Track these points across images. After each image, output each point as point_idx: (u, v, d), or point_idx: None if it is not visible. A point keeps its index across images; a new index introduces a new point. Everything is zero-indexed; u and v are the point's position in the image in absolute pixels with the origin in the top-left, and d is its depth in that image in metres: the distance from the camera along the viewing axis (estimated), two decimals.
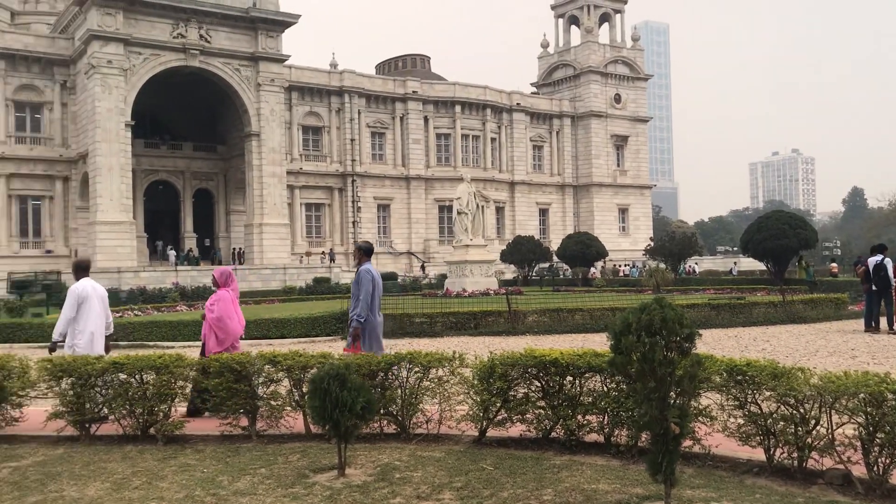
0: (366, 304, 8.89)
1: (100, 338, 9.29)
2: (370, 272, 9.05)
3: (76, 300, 9.13)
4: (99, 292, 9.41)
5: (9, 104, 48.61)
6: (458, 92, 65.49)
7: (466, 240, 35.05)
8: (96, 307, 9.27)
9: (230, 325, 9.01)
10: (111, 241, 44.72)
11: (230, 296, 9.13)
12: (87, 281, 9.38)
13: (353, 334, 8.94)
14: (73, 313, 9.09)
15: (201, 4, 47.51)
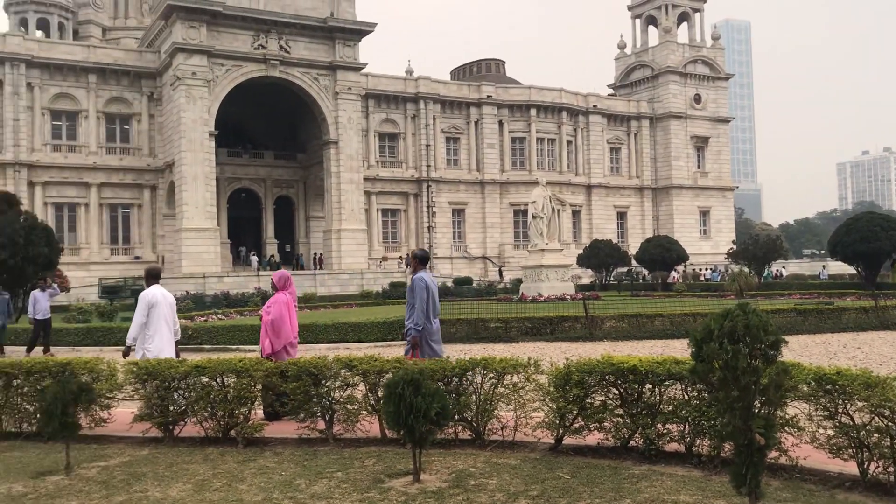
0: (421, 312, 8.92)
1: (169, 343, 9.59)
2: (424, 280, 9.04)
3: (147, 306, 9.47)
4: (168, 299, 9.75)
5: (100, 116, 50.73)
6: (534, 95, 65.16)
7: (542, 244, 34.80)
8: (165, 313, 9.59)
9: (284, 328, 9.14)
10: (196, 248, 46.09)
11: (286, 299, 9.28)
12: (156, 288, 9.72)
13: (412, 343, 8.97)
14: (144, 318, 9.42)
15: (281, 16, 48.60)
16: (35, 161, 48.37)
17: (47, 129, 49.47)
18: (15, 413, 8.37)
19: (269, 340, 9.11)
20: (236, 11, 47.23)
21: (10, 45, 47.94)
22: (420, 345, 8.94)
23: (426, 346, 9.00)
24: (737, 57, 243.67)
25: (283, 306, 9.16)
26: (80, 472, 6.74)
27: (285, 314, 9.16)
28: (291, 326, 9.21)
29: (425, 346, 9.00)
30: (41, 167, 48.71)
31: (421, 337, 8.96)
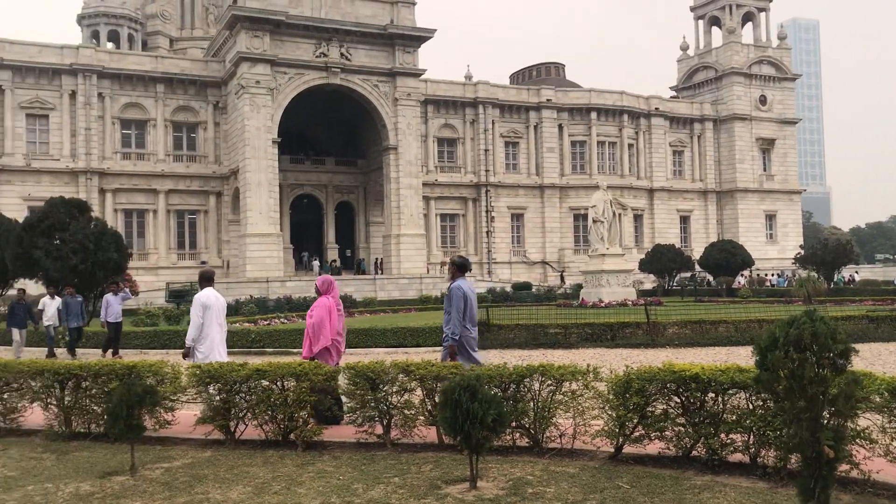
0: (457, 320, 8.88)
1: (220, 344, 9.88)
2: (461, 288, 9.00)
3: (201, 307, 9.77)
4: (220, 302, 10.05)
5: (167, 125, 52.13)
6: (594, 98, 64.56)
7: (602, 249, 34.41)
8: (218, 315, 9.89)
9: (324, 331, 9.26)
10: (260, 253, 46.93)
11: (329, 303, 9.40)
12: (210, 290, 10.03)
13: (449, 351, 8.92)
14: (200, 319, 9.73)
15: (342, 24, 49.22)
16: (106, 169, 49.95)
17: (117, 137, 51.05)
18: (84, 414, 8.62)
19: (309, 343, 9.27)
20: (299, 20, 48.01)
21: (83, 56, 49.64)
22: (458, 353, 8.88)
23: (464, 354, 8.93)
24: (804, 57, 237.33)
25: (324, 310, 9.29)
26: (144, 473, 6.90)
27: (326, 318, 9.28)
28: (332, 329, 9.32)
29: (463, 353, 8.93)
30: (111, 175, 50.28)
31: (458, 344, 8.90)
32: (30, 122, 48.88)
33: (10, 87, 47.84)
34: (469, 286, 9.18)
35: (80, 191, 48.10)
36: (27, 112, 48.65)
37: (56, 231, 26.59)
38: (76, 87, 49.28)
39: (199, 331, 9.76)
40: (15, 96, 48.09)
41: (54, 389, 8.67)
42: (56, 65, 48.88)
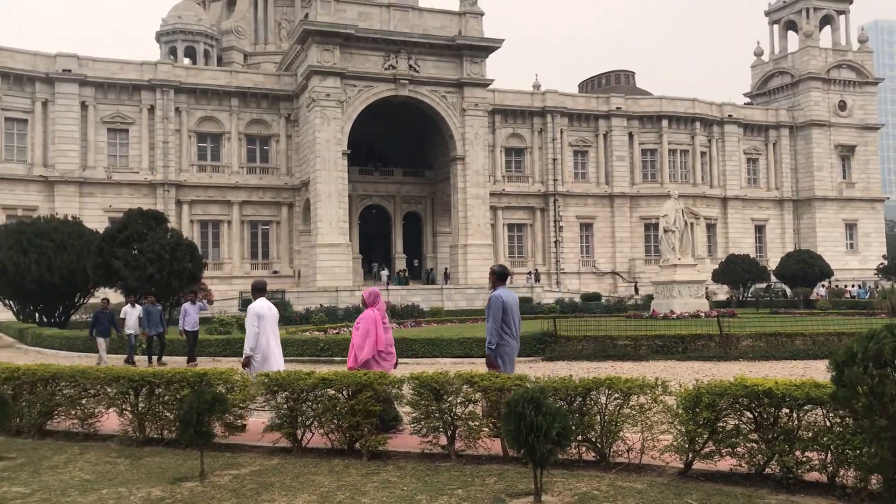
0: (496, 329, 8.80)
1: (275, 353, 10.09)
2: (501, 297, 8.91)
3: (256, 317, 10.03)
4: (273, 312, 10.29)
5: (241, 137, 53.46)
6: (665, 106, 63.50)
7: (674, 259, 33.73)
8: (270, 325, 10.12)
9: (369, 342, 9.37)
10: (330, 262, 47.61)
11: (375, 315, 9.51)
12: (262, 301, 10.28)
13: (487, 363, 8.89)
14: (256, 328, 9.98)
15: (410, 36, 49.69)
16: (182, 181, 51.49)
17: (193, 150, 52.60)
18: (157, 420, 8.84)
19: (354, 353, 9.41)
20: (368, 34, 48.67)
21: (161, 72, 51.37)
22: (500, 361, 8.83)
23: (506, 364, 8.88)
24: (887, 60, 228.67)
25: (371, 322, 9.42)
26: (213, 480, 7.03)
27: (372, 329, 9.40)
28: (379, 341, 9.42)
29: (505, 362, 8.88)
30: (188, 186, 51.80)
31: (497, 354, 8.83)
32: (111, 137, 50.79)
33: (93, 102, 49.81)
34: (510, 295, 9.10)
35: (158, 202, 49.68)
36: (109, 127, 50.57)
37: (134, 242, 27.49)
38: (155, 101, 51.00)
39: (255, 340, 10.00)
40: (97, 112, 50.05)
41: (129, 396, 8.93)
42: (136, 81, 50.70)
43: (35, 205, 47.24)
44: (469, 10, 51.34)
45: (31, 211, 45.69)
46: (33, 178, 47.91)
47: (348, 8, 49.93)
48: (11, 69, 47.08)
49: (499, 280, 9.21)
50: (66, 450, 8.54)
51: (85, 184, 49.25)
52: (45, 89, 48.55)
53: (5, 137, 47.37)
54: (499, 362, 8.81)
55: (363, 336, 9.36)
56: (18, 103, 47.86)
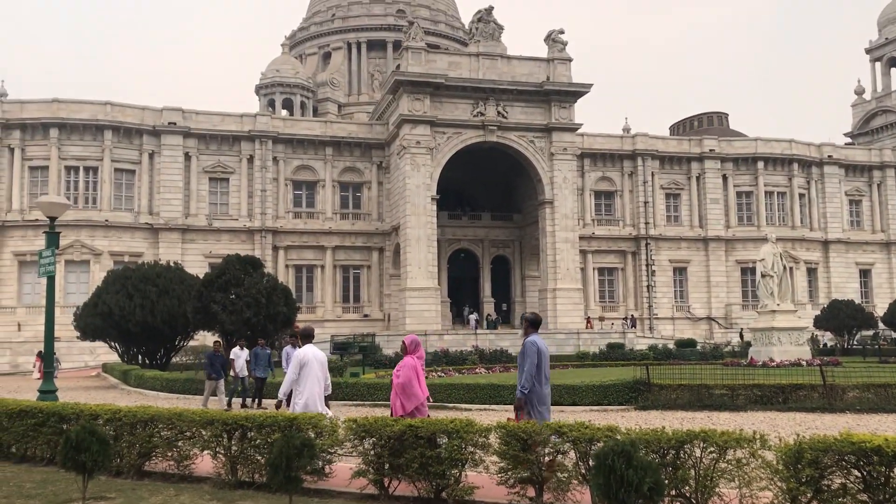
0: (530, 375, 8.93)
1: (318, 399, 10.26)
2: (535, 344, 9.06)
3: (298, 364, 10.23)
4: (319, 357, 10.47)
5: (335, 185, 54.95)
6: (760, 147, 61.86)
7: (772, 304, 32.47)
8: (315, 371, 10.29)
9: (414, 390, 9.52)
10: (418, 306, 47.96)
11: (415, 363, 9.66)
12: (309, 347, 10.50)
13: (516, 405, 8.95)
14: (295, 376, 10.23)
15: (499, 83, 50.25)
16: (279, 227, 53.15)
17: (290, 198, 54.34)
18: (249, 463, 9.01)
19: (400, 402, 9.53)
20: (457, 83, 49.49)
21: (260, 123, 53.51)
22: (529, 407, 8.88)
23: (534, 410, 8.89)
24: None
25: (411, 370, 9.57)
26: None
27: (413, 377, 9.56)
28: (423, 386, 9.59)
29: (533, 409, 8.90)
30: (284, 232, 53.42)
31: (528, 400, 8.91)
32: (212, 185, 53.04)
33: (196, 153, 52.22)
34: (542, 342, 9.22)
35: (256, 248, 51.37)
36: (210, 176, 52.85)
37: (232, 286, 28.40)
38: (254, 151, 53.08)
39: (290, 386, 10.29)
40: (200, 162, 52.43)
41: (222, 439, 9.15)
42: (236, 132, 52.96)
43: (141, 251, 49.58)
44: (557, 56, 51.61)
45: (136, 257, 47.96)
46: (139, 226, 50.35)
47: (438, 58, 51.07)
48: (122, 123, 49.92)
49: (531, 327, 9.37)
50: (162, 491, 8.78)
51: (187, 231, 51.43)
52: (152, 141, 51.22)
53: (114, 187, 50.05)
54: (529, 409, 8.90)
55: (404, 384, 9.53)
56: (127, 155, 50.61)
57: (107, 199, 49.39)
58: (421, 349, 10.04)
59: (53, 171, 48.50)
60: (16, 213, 48.37)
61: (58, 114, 48.75)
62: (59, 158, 48.81)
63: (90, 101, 49.80)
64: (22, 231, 48.15)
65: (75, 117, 48.91)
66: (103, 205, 49.28)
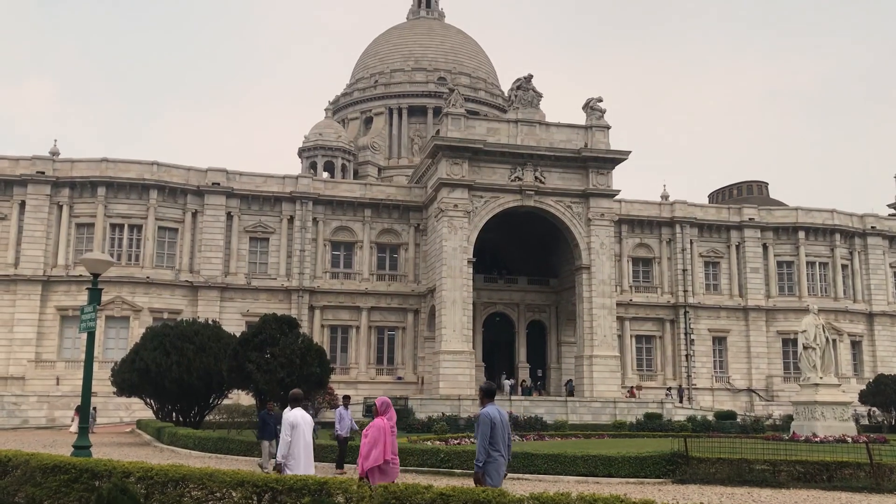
0: (483, 447, 9.17)
1: (306, 460, 10.76)
2: (488, 415, 9.28)
3: (290, 426, 10.89)
4: (307, 420, 11.11)
5: (372, 246, 55.44)
6: (801, 217, 61.23)
7: (815, 378, 31.66)
8: (305, 433, 10.92)
9: (376, 451, 9.91)
10: (453, 370, 47.60)
11: (385, 424, 10.09)
12: (298, 411, 11.13)
13: (474, 479, 9.27)
14: (289, 437, 10.84)
15: (536, 149, 50.71)
16: (316, 287, 53.58)
17: (328, 258, 54.90)
18: None
19: (368, 460, 9.93)
20: (495, 148, 50.07)
21: (301, 185, 54.48)
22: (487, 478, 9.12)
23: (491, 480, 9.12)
24: None
25: (379, 431, 10.00)
26: None
27: (381, 438, 9.94)
28: (386, 450, 9.95)
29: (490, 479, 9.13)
30: (320, 293, 53.80)
31: (485, 471, 9.16)
32: (252, 245, 53.86)
33: (238, 213, 53.22)
34: (497, 412, 9.40)
35: (293, 307, 51.74)
36: (251, 235, 53.73)
37: (267, 346, 28.55)
38: (294, 212, 53.94)
39: (287, 448, 10.73)
40: (241, 221, 53.39)
41: (252, 500, 9.08)
42: (278, 193, 53.95)
43: (180, 308, 50.23)
44: (595, 123, 52.06)
45: (175, 314, 48.58)
46: (179, 283, 51.11)
47: (477, 124, 51.84)
48: (167, 182, 51.20)
49: (486, 397, 9.61)
50: None
51: (226, 289, 52.07)
52: (196, 201, 52.36)
53: (157, 245, 51.06)
54: (487, 480, 9.09)
55: (370, 445, 9.94)
56: (171, 214, 51.76)
57: (149, 257, 50.36)
58: (392, 411, 10.45)
59: (99, 229, 49.72)
60: (61, 268, 49.49)
61: (106, 173, 50.20)
62: (105, 216, 50.08)
63: (137, 161, 51.23)
64: (66, 286, 49.17)
65: (123, 176, 50.31)
66: (145, 262, 50.24)
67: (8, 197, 49.97)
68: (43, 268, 49.21)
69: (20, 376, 47.16)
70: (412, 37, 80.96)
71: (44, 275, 49.02)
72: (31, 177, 49.67)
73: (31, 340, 48.12)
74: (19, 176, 49.64)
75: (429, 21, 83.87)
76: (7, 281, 48.77)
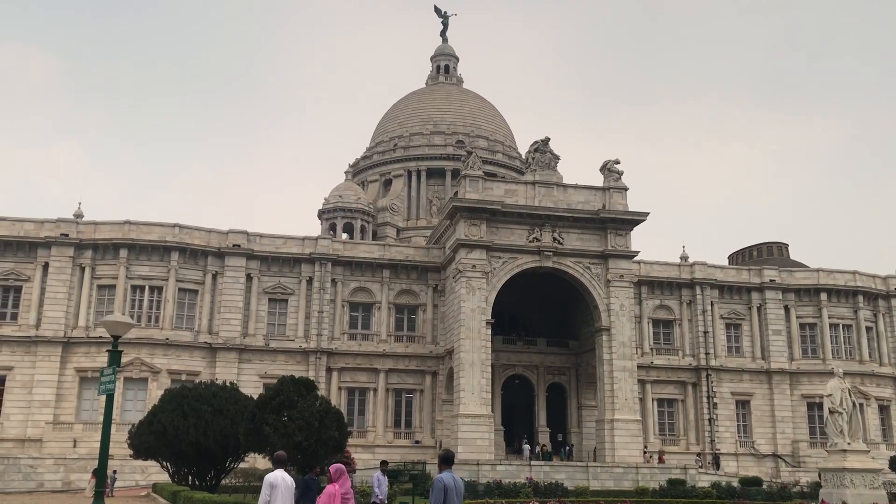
0: None
1: None
2: (442, 481, 9.79)
3: (269, 486, 11.60)
4: (287, 481, 11.75)
5: (390, 307, 55.38)
6: (823, 279, 60.69)
7: (843, 443, 30.86)
8: (284, 494, 11.57)
9: None
10: (471, 434, 46.96)
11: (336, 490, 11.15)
12: (279, 472, 11.94)
13: None
14: (267, 498, 11.56)
15: (555, 210, 50.92)
16: (333, 349, 53.42)
17: (346, 319, 54.86)
18: None
19: None
20: (513, 209, 50.34)
21: (321, 246, 54.83)
22: None
23: None
24: None
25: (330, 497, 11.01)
26: None
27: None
28: None
29: None
30: (338, 354, 53.61)
31: None
32: (271, 306, 54.00)
33: (258, 274, 53.52)
34: (452, 477, 9.92)
35: (310, 369, 51.56)
36: (270, 297, 53.91)
37: (285, 408, 28.32)
38: (313, 273, 54.17)
39: None
40: (261, 283, 53.65)
41: None
42: (297, 254, 54.30)
43: (198, 370, 50.18)
44: (613, 185, 52.32)
45: (193, 375, 48.49)
46: (198, 345, 51.17)
47: (495, 186, 52.26)
48: (189, 244, 51.73)
49: (443, 463, 10.15)
50: None
51: (244, 350, 52.04)
52: (216, 262, 52.77)
53: (177, 307, 51.31)
54: None
55: None
56: (192, 276, 52.14)
57: (169, 318, 50.58)
58: (345, 477, 11.51)
59: (120, 290, 50.13)
60: (81, 329, 49.77)
61: (128, 235, 50.84)
62: (127, 278, 50.53)
63: (159, 224, 51.89)
64: (86, 348, 49.38)
65: (145, 238, 50.93)
66: (165, 323, 50.44)
67: (32, 259, 50.62)
68: (64, 329, 49.51)
69: (37, 438, 47.01)
70: (431, 101, 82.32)
71: (64, 336, 49.29)
72: (55, 239, 50.40)
73: (50, 402, 48.12)
74: (44, 238, 50.38)
75: (447, 86, 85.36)
76: (28, 342, 49.06)
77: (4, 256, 50.49)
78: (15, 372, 48.66)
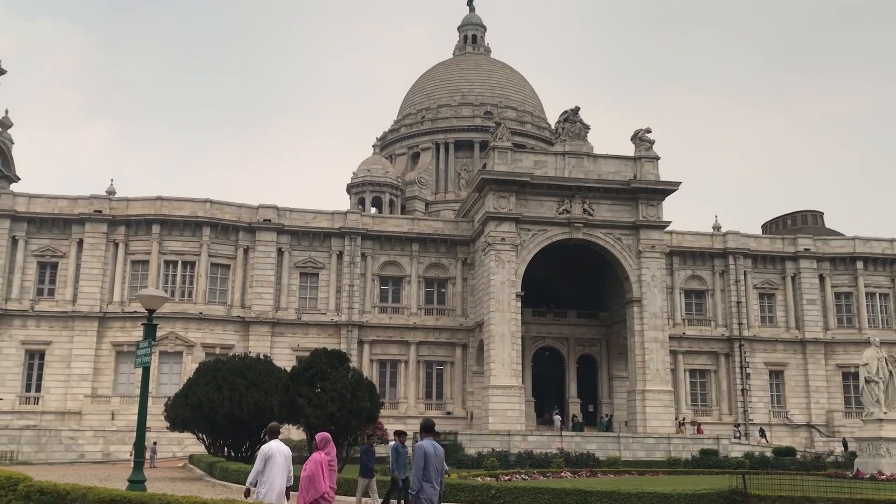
0: (417, 477, 10.18)
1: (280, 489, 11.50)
2: (422, 448, 10.28)
3: (264, 457, 11.60)
4: (283, 451, 11.78)
5: (420, 280, 55.52)
6: (859, 247, 59.66)
7: (879, 412, 30.59)
8: (280, 463, 11.58)
9: (314, 485, 10.78)
10: (502, 405, 47.14)
11: (322, 458, 10.99)
12: (275, 442, 11.87)
13: None
14: (261, 467, 11.56)
15: (585, 181, 50.46)
16: (365, 322, 53.76)
17: (376, 293, 55.12)
18: None
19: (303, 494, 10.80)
20: (543, 181, 49.98)
21: (350, 221, 55.00)
22: None
23: None
24: None
25: (317, 465, 10.87)
26: None
27: (318, 472, 10.83)
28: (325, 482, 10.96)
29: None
30: (369, 327, 53.96)
31: (417, 500, 10.14)
32: (302, 280, 54.39)
33: (289, 249, 53.89)
34: (432, 445, 10.44)
35: (342, 342, 51.98)
36: (301, 271, 54.29)
37: (318, 380, 28.59)
38: (343, 247, 54.40)
39: (255, 477, 11.59)
40: (292, 257, 54.02)
41: None
42: (327, 229, 54.53)
43: (231, 343, 50.83)
44: (644, 154, 51.70)
45: (227, 349, 49.16)
46: (231, 319, 51.78)
47: (524, 157, 51.88)
48: (220, 220, 52.17)
49: (424, 432, 10.66)
50: None
51: (277, 324, 52.57)
52: (247, 237, 53.21)
53: (209, 281, 51.91)
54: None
55: (308, 479, 10.77)
56: (223, 250, 52.65)
57: (202, 293, 51.19)
58: (331, 446, 11.54)
59: (153, 265, 50.79)
60: (116, 304, 50.59)
61: (160, 211, 51.39)
62: (160, 253, 51.14)
63: (191, 199, 52.36)
64: (121, 322, 50.22)
65: (176, 214, 51.43)
66: (198, 298, 51.06)
67: (67, 235, 51.41)
68: (99, 304, 50.35)
69: (77, 411, 48.09)
70: (458, 72, 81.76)
71: (100, 311, 50.14)
72: (88, 216, 51.08)
73: (88, 376, 49.10)
74: (78, 215, 51.09)
75: (475, 56, 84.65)
76: (65, 317, 49.99)
77: (40, 233, 51.36)
78: (54, 346, 49.69)
